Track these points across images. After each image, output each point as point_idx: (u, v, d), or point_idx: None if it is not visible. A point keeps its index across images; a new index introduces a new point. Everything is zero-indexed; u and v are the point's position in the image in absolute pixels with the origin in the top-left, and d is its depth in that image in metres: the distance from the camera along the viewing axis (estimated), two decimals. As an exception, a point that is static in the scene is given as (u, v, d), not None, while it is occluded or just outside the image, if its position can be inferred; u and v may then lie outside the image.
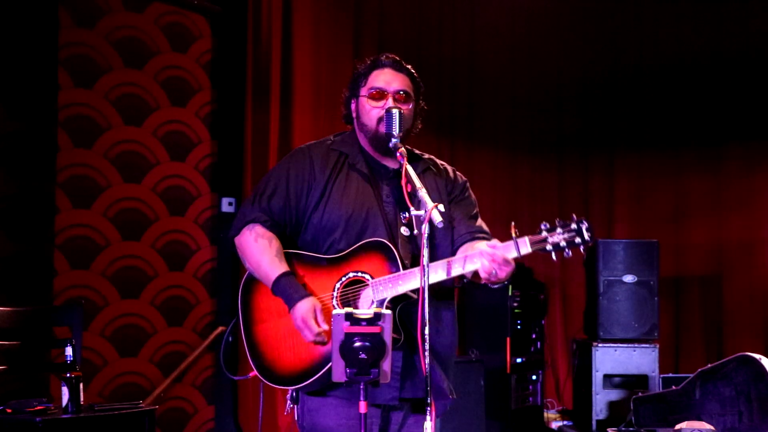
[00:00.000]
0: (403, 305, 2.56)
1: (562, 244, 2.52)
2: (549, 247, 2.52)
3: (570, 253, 2.52)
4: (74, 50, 4.93)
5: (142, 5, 5.24)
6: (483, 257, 2.48)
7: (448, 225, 2.71)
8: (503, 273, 2.49)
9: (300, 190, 2.69)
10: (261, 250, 2.65)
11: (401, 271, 2.55)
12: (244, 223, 2.70)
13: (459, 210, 2.78)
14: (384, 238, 2.62)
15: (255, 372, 2.66)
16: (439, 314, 2.70)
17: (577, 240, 2.52)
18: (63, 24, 4.85)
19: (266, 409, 5.19)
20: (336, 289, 2.61)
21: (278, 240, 2.68)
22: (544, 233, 2.53)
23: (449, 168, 2.88)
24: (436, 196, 2.67)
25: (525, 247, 2.49)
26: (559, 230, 2.53)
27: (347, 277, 2.60)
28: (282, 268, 2.62)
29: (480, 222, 2.80)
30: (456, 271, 2.54)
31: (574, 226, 2.54)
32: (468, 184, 2.87)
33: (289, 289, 2.59)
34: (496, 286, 2.62)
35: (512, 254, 2.49)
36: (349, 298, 2.60)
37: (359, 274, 2.60)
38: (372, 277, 2.59)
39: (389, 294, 2.55)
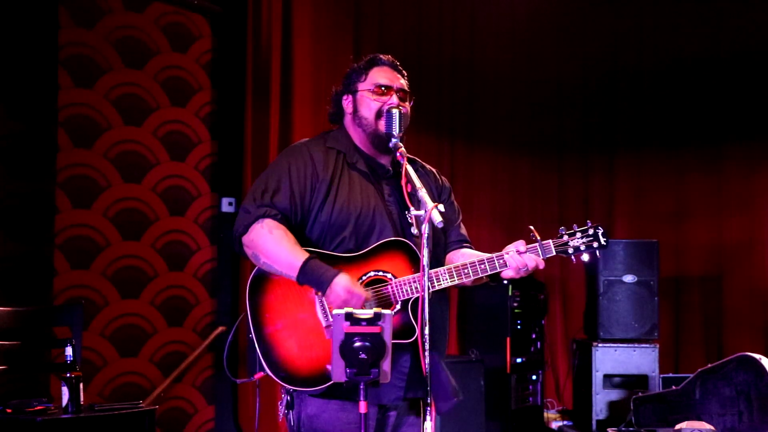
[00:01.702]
0: (415, 303, 2.56)
1: (582, 247, 2.68)
2: (571, 250, 2.68)
3: (588, 257, 2.69)
4: (74, 50, 4.93)
5: (142, 5, 5.24)
6: (523, 257, 2.61)
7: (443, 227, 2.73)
8: (526, 274, 2.65)
9: (303, 188, 2.66)
10: (278, 241, 2.58)
11: (426, 271, 2.56)
12: (253, 219, 2.63)
13: (448, 215, 2.78)
14: (393, 237, 2.63)
15: (262, 374, 2.60)
16: (443, 316, 2.72)
17: (595, 244, 2.69)
18: (63, 24, 4.85)
19: (267, 409, 5.19)
20: None
21: (292, 232, 2.63)
22: (566, 237, 2.68)
23: (434, 170, 2.93)
24: (430, 196, 2.68)
25: (550, 250, 2.66)
26: (578, 235, 2.69)
27: (368, 275, 2.59)
28: (304, 254, 2.56)
29: (463, 228, 2.92)
30: (483, 273, 2.63)
31: (591, 231, 2.69)
32: (451, 189, 2.95)
33: (318, 271, 2.53)
34: (494, 283, 2.70)
35: (538, 257, 2.64)
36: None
37: (381, 273, 2.60)
38: (395, 277, 2.59)
39: (415, 294, 2.55)
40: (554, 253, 2.65)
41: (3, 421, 3.43)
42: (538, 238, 2.62)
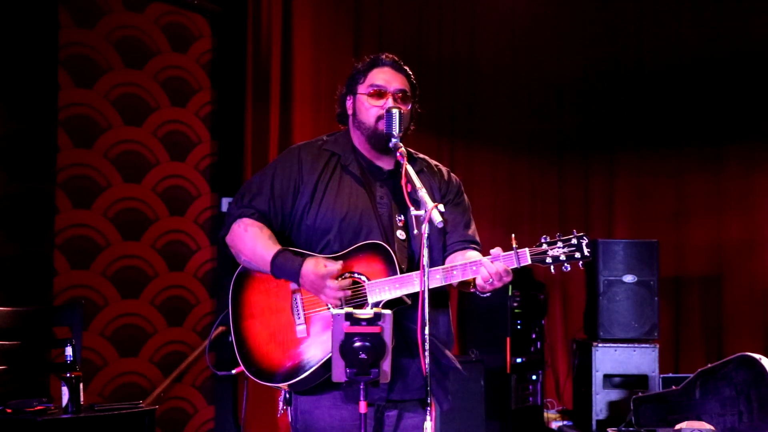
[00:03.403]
0: (397, 310, 2.54)
1: (562, 257, 2.58)
2: (549, 260, 2.59)
3: (569, 267, 2.59)
4: (74, 50, 4.93)
5: (142, 5, 5.24)
6: (484, 267, 2.53)
7: (442, 229, 2.70)
8: (500, 283, 2.56)
9: (285, 192, 2.68)
10: (253, 237, 2.63)
11: (398, 274, 2.55)
12: (233, 220, 2.69)
13: (453, 215, 2.77)
14: (379, 240, 2.61)
15: (241, 368, 2.64)
16: (436, 318, 2.68)
17: (577, 255, 2.59)
18: (63, 24, 4.85)
19: (266, 408, 5.20)
20: None
21: (269, 229, 2.66)
22: (545, 246, 2.60)
23: (444, 169, 2.88)
24: (431, 196, 2.65)
25: (525, 259, 2.56)
26: (559, 244, 2.59)
27: (343, 277, 2.59)
28: (276, 247, 2.60)
29: (472, 230, 2.83)
30: (455, 279, 2.57)
31: (574, 241, 2.60)
32: (462, 187, 2.88)
33: (287, 262, 2.56)
34: (485, 295, 2.64)
35: (512, 266, 2.55)
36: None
37: (355, 275, 2.59)
38: (368, 279, 2.58)
39: (386, 297, 2.55)
40: (530, 262, 2.56)
41: (3, 421, 3.43)
42: (515, 245, 2.55)
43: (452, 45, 7.13)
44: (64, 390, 3.45)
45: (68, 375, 3.47)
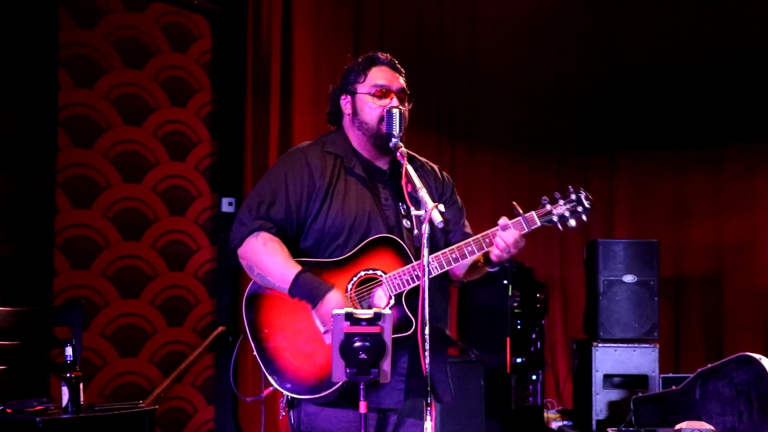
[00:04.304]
0: (413, 296, 2.54)
1: (566, 214, 2.62)
2: (555, 218, 2.62)
3: (574, 223, 2.62)
4: (74, 50, 4.93)
5: (142, 5, 5.24)
6: (499, 236, 2.57)
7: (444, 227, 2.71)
8: (516, 251, 2.59)
9: (300, 198, 2.64)
10: (272, 253, 2.58)
11: (414, 262, 2.55)
12: (248, 232, 2.62)
13: (451, 214, 2.79)
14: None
15: (270, 389, 2.61)
16: (435, 302, 2.69)
17: (579, 209, 2.64)
18: (63, 24, 4.85)
19: (267, 410, 5.19)
20: (349, 290, 2.59)
21: (285, 245, 2.62)
22: (548, 206, 2.63)
23: (436, 167, 2.89)
24: (430, 196, 2.65)
25: (534, 221, 2.60)
26: (561, 202, 2.64)
27: (358, 276, 2.58)
28: (297, 267, 2.56)
29: (468, 227, 2.87)
30: (471, 255, 2.59)
31: (573, 196, 2.65)
32: (454, 186, 2.90)
33: (311, 284, 2.53)
34: (495, 269, 2.65)
35: (523, 231, 2.58)
36: (364, 296, 2.59)
37: (371, 271, 2.59)
38: (385, 273, 2.58)
39: (407, 287, 2.55)
40: (539, 224, 2.59)
41: (3, 421, 3.43)
42: (521, 211, 2.58)
43: (452, 45, 7.13)
44: (64, 390, 3.44)
45: (68, 375, 3.46)
